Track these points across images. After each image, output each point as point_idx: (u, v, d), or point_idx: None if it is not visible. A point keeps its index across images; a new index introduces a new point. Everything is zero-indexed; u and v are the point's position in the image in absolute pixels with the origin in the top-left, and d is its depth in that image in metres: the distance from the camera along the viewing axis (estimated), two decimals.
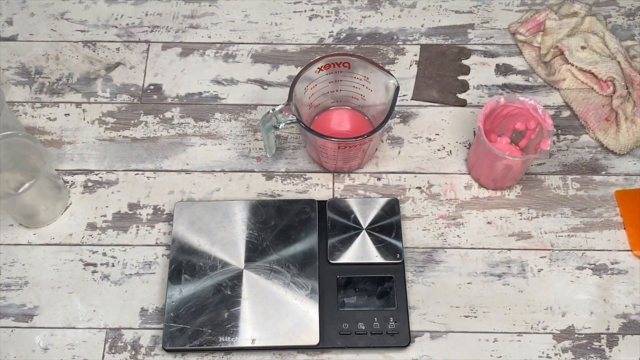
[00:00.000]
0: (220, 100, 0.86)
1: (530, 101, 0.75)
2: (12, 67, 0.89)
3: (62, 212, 0.79)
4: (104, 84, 0.87)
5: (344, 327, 0.71)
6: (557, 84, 0.86)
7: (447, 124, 0.85)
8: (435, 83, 0.87)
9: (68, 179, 0.81)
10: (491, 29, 0.91)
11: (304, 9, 0.93)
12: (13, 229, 0.78)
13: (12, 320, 0.73)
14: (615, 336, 0.72)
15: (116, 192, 0.80)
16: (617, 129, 0.81)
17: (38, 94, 0.87)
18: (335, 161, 0.78)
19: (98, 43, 0.90)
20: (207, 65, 0.89)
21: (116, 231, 0.78)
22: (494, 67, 0.89)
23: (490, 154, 0.74)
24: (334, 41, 0.91)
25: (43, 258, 0.77)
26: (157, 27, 0.92)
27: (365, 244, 0.75)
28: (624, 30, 0.91)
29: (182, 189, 0.81)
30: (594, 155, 0.83)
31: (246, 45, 0.90)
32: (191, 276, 0.73)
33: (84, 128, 0.85)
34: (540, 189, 0.81)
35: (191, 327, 0.70)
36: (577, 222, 0.78)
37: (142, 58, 0.89)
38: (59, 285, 0.75)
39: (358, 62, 0.75)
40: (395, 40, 0.91)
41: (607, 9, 0.93)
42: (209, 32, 0.91)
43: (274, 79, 0.88)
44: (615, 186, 0.81)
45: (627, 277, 0.75)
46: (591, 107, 0.84)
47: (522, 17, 0.91)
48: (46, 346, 0.72)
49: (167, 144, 0.84)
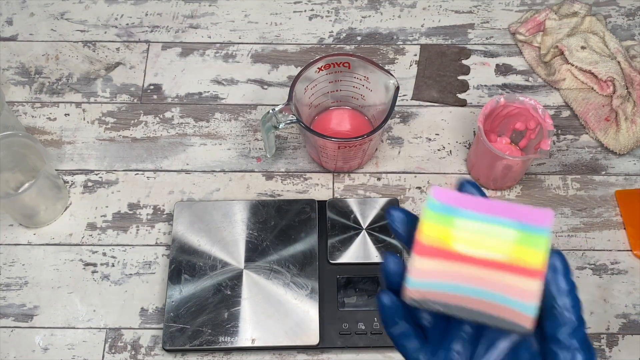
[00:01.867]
0: (220, 100, 0.86)
1: (530, 101, 0.75)
2: (12, 67, 0.89)
3: (62, 212, 0.79)
4: (103, 84, 0.87)
5: (344, 327, 0.71)
6: (557, 84, 0.86)
7: (447, 124, 0.85)
8: (435, 83, 0.87)
9: (68, 179, 0.81)
10: (491, 29, 0.91)
11: (303, 9, 0.93)
12: (13, 229, 0.78)
13: (12, 320, 0.74)
14: (615, 336, 0.72)
15: (116, 192, 0.80)
16: (617, 129, 0.81)
17: (38, 94, 0.87)
18: (335, 161, 0.78)
19: (98, 43, 0.90)
20: (207, 65, 0.89)
21: (116, 231, 0.78)
22: (494, 67, 0.89)
23: (490, 154, 0.74)
24: (334, 41, 0.91)
25: (43, 258, 0.77)
26: (157, 27, 0.92)
27: (365, 244, 0.75)
28: (624, 30, 0.91)
29: (182, 189, 0.81)
30: (594, 155, 0.83)
31: (246, 45, 0.90)
32: (191, 276, 0.73)
33: (84, 128, 0.85)
34: (540, 189, 0.81)
35: (191, 327, 0.70)
36: (577, 222, 0.78)
37: (142, 58, 0.89)
38: (58, 285, 0.75)
39: (358, 62, 0.75)
40: (395, 40, 0.91)
41: (607, 8, 0.93)
42: (209, 32, 0.91)
43: (273, 79, 0.88)
44: (615, 186, 0.81)
45: (627, 277, 0.75)
46: (591, 107, 0.84)
47: (522, 17, 0.91)
48: (46, 346, 0.72)
49: (167, 144, 0.84)
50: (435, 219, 0.36)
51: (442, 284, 0.35)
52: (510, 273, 0.35)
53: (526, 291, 0.34)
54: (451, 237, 0.36)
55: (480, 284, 0.35)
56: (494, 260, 0.35)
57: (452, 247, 0.36)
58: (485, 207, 0.36)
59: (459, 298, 0.35)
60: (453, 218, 0.36)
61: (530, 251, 0.35)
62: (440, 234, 0.36)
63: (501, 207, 0.36)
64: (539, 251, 0.35)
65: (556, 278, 0.35)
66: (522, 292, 0.34)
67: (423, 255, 0.36)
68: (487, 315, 0.35)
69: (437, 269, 0.35)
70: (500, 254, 0.35)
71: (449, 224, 0.36)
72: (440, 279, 0.35)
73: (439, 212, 0.36)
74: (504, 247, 0.35)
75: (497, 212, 0.36)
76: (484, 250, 0.35)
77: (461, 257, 0.35)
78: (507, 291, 0.34)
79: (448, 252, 0.35)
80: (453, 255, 0.35)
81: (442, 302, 0.36)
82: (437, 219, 0.36)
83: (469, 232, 0.36)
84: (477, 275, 0.35)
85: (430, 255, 0.36)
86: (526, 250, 0.35)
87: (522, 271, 0.35)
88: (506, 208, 0.36)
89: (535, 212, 0.36)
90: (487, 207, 0.36)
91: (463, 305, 0.35)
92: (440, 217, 0.36)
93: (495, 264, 0.35)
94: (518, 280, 0.34)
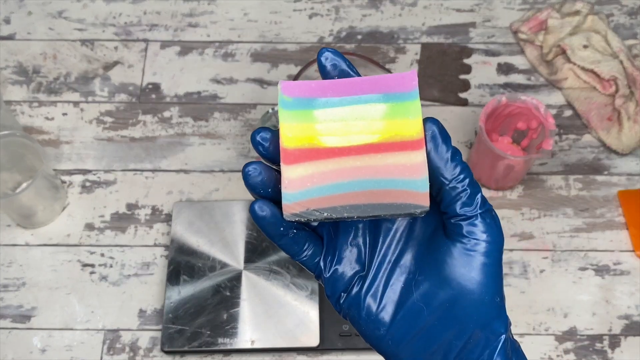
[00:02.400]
0: (219, 100, 0.86)
1: (532, 100, 0.74)
2: (9, 66, 0.88)
3: (59, 212, 0.78)
4: (102, 83, 0.87)
5: (344, 328, 0.71)
6: (559, 83, 0.85)
7: (448, 124, 0.84)
8: (436, 82, 0.87)
9: (66, 179, 0.81)
10: (493, 28, 0.91)
11: (303, 8, 0.92)
12: (11, 230, 0.78)
13: (9, 321, 0.73)
14: (618, 337, 0.72)
15: (114, 192, 0.80)
16: (619, 129, 0.81)
17: (36, 93, 0.86)
18: None
19: (96, 42, 0.90)
20: (206, 64, 0.88)
21: (114, 232, 0.78)
22: (496, 66, 0.88)
23: (492, 154, 0.73)
24: (334, 40, 0.90)
25: (41, 259, 0.76)
26: (156, 26, 0.91)
27: None
28: (626, 29, 0.90)
29: (180, 189, 0.80)
30: (596, 155, 0.82)
31: (245, 44, 0.90)
32: (190, 277, 0.72)
33: (82, 127, 0.84)
34: (542, 189, 0.80)
35: (190, 329, 0.70)
36: (579, 223, 0.78)
37: (140, 57, 0.89)
38: (56, 286, 0.75)
39: (358, 61, 0.75)
40: (396, 39, 0.90)
41: (610, 7, 0.92)
42: (208, 31, 0.91)
43: (273, 78, 0.87)
44: (617, 186, 0.80)
45: (630, 277, 0.75)
46: (593, 107, 0.83)
47: (523, 15, 0.90)
48: (44, 347, 0.72)
49: (166, 143, 0.83)
50: (293, 118, 0.33)
51: (322, 188, 0.32)
52: (390, 152, 0.32)
53: (412, 166, 0.32)
54: (316, 133, 0.32)
55: (362, 174, 0.32)
56: (369, 143, 0.32)
57: (320, 143, 0.32)
58: (343, 88, 0.33)
59: (345, 197, 0.32)
60: (312, 111, 0.33)
61: (404, 122, 0.32)
62: (303, 132, 0.32)
63: (360, 84, 0.33)
64: (413, 119, 0.32)
65: (437, 147, 0.33)
66: (408, 168, 0.32)
67: (292, 163, 0.32)
68: (379, 205, 0.32)
69: (311, 172, 0.32)
70: (374, 135, 0.32)
71: (309, 118, 0.32)
72: (318, 183, 0.32)
73: (295, 108, 0.33)
74: (375, 126, 0.32)
75: (358, 90, 0.33)
76: (356, 135, 0.32)
77: (333, 151, 0.32)
78: (393, 173, 0.32)
79: (318, 150, 0.32)
80: (324, 151, 0.32)
81: (328, 207, 0.32)
82: (295, 116, 0.33)
83: (333, 121, 0.32)
84: (356, 165, 0.32)
85: (300, 160, 0.32)
86: (399, 123, 0.32)
87: (401, 146, 0.32)
88: (365, 83, 0.33)
89: (396, 77, 0.33)
90: (345, 88, 0.33)
91: (351, 203, 0.32)
92: (298, 114, 0.33)
93: (372, 146, 0.32)
94: (400, 157, 0.32)
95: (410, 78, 0.33)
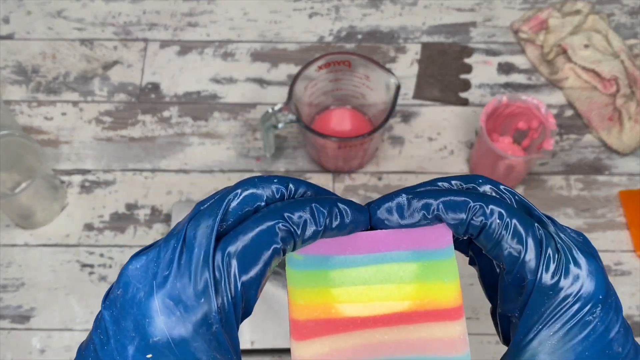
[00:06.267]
0: (218, 99, 0.86)
1: (533, 100, 0.74)
2: (8, 66, 0.88)
3: (59, 212, 0.78)
4: (101, 83, 0.87)
5: None
6: (560, 82, 0.85)
7: (448, 124, 0.84)
8: (437, 82, 0.87)
9: (65, 179, 0.80)
10: (493, 27, 0.91)
11: (303, 7, 0.92)
12: (10, 230, 0.77)
13: (8, 321, 0.73)
14: None
15: (113, 193, 0.80)
16: (620, 129, 0.81)
17: (35, 93, 0.86)
18: (336, 161, 0.77)
19: (95, 41, 0.89)
20: (205, 63, 0.88)
21: (113, 232, 0.77)
22: (496, 65, 0.88)
23: (493, 154, 0.73)
24: (334, 39, 0.90)
25: (40, 259, 0.76)
26: (155, 25, 0.91)
27: None
28: (627, 29, 0.90)
29: (180, 189, 0.80)
30: (597, 155, 0.82)
31: (245, 43, 0.89)
32: None
33: (81, 127, 0.84)
34: (542, 189, 0.80)
35: None
36: (580, 223, 0.78)
37: (139, 56, 0.88)
38: (55, 287, 0.74)
39: (358, 60, 0.74)
40: (396, 38, 0.90)
41: (611, 7, 0.92)
42: (207, 30, 0.90)
43: (273, 77, 0.87)
44: (618, 186, 0.80)
45: (631, 278, 0.75)
46: (594, 106, 0.83)
47: (524, 15, 0.90)
48: (43, 348, 0.72)
49: (165, 143, 0.83)
50: (305, 280, 0.27)
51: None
52: (423, 323, 0.26)
53: (451, 341, 0.26)
54: (333, 299, 0.26)
55: (392, 352, 0.26)
56: (398, 312, 0.26)
57: (338, 312, 0.26)
58: (364, 243, 0.27)
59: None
60: (327, 271, 0.27)
61: (439, 285, 0.27)
62: (318, 299, 0.27)
63: (384, 238, 0.27)
64: (449, 282, 0.27)
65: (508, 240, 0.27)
66: (446, 343, 0.26)
67: (305, 338, 0.27)
68: None
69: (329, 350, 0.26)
70: (403, 302, 0.27)
71: (324, 281, 0.27)
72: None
73: (307, 268, 0.27)
74: (404, 290, 0.27)
75: (381, 246, 0.27)
76: (381, 302, 0.26)
77: (355, 323, 0.26)
78: (427, 349, 0.26)
79: (336, 321, 0.26)
80: (343, 323, 0.26)
81: None
82: (307, 279, 0.27)
83: (353, 284, 0.26)
84: (383, 340, 0.26)
85: (315, 335, 0.26)
86: (433, 286, 0.27)
87: (436, 315, 0.26)
88: (390, 237, 0.27)
89: (426, 231, 0.27)
90: (366, 243, 0.27)
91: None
92: (311, 276, 0.27)
93: (402, 316, 0.26)
94: (436, 329, 0.26)
95: (443, 233, 0.28)
